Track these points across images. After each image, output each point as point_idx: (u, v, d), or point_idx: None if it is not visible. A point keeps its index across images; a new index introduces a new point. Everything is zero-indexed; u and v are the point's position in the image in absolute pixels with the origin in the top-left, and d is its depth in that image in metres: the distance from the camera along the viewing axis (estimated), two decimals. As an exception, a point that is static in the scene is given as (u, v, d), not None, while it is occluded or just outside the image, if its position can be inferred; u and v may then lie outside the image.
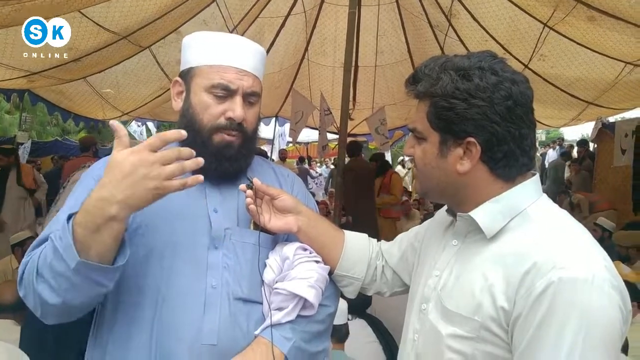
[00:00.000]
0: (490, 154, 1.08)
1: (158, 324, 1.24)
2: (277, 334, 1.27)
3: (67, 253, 1.08)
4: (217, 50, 1.33)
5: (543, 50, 6.37)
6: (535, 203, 1.11)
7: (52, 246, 1.11)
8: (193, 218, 1.32)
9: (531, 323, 0.96)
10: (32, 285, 1.14)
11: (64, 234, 1.09)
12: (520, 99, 1.07)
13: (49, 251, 1.12)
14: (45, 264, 1.12)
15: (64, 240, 1.08)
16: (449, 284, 1.14)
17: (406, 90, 1.18)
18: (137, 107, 8.08)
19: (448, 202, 1.23)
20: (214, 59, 1.33)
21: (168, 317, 1.25)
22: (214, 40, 1.35)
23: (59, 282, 1.11)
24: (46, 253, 1.13)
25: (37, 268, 1.13)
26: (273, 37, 7.51)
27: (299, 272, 1.31)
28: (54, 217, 1.29)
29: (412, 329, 1.23)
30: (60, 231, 1.11)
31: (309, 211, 1.43)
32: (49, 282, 1.12)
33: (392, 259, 1.48)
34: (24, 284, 1.18)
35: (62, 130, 19.95)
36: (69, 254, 1.07)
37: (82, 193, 1.28)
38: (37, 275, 1.13)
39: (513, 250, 1.04)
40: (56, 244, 1.10)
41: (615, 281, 0.97)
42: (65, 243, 1.08)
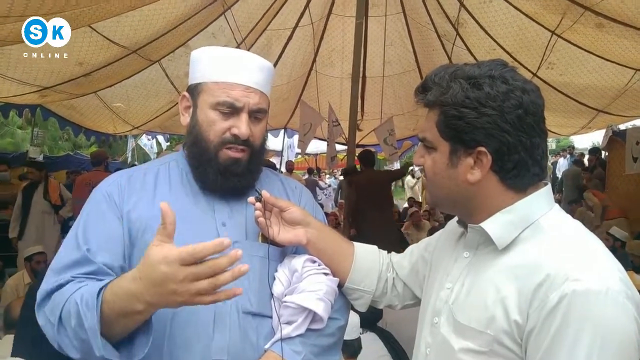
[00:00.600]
0: (501, 164, 1.07)
1: (169, 340, 1.24)
2: (287, 348, 1.26)
3: (92, 338, 1.08)
4: (223, 67, 1.33)
5: (551, 58, 6.34)
6: (548, 214, 1.09)
7: (76, 312, 1.11)
8: (201, 232, 1.30)
9: (545, 336, 0.94)
10: (53, 331, 1.16)
11: (91, 314, 1.08)
12: (531, 107, 1.06)
13: (74, 315, 1.11)
14: (69, 323, 1.12)
15: (89, 321, 1.08)
16: (460, 296, 1.13)
17: (415, 99, 1.17)
18: (148, 121, 8.15)
19: (459, 213, 1.22)
20: (221, 76, 1.32)
21: (178, 333, 1.24)
22: (221, 56, 1.35)
23: (81, 346, 1.12)
24: (70, 312, 1.12)
25: (61, 318, 1.14)
26: (281, 49, 7.56)
27: (308, 285, 1.30)
28: (68, 237, 1.29)
29: (424, 342, 1.21)
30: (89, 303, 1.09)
31: (318, 223, 1.42)
32: (71, 341, 1.13)
33: (403, 271, 1.46)
34: (43, 317, 1.19)
35: (73, 144, 20.16)
36: (94, 342, 1.07)
37: (97, 215, 1.30)
38: (59, 324, 1.14)
39: (525, 262, 1.03)
40: (81, 312, 1.09)
41: (630, 292, 0.95)
42: (89, 328, 1.08)
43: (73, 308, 1.11)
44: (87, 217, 1.31)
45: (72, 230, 1.30)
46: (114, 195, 1.33)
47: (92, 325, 1.07)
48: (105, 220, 1.29)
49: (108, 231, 1.27)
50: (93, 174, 6.85)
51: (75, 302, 1.11)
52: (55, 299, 1.17)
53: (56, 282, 1.19)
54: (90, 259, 1.22)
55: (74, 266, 1.22)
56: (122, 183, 1.36)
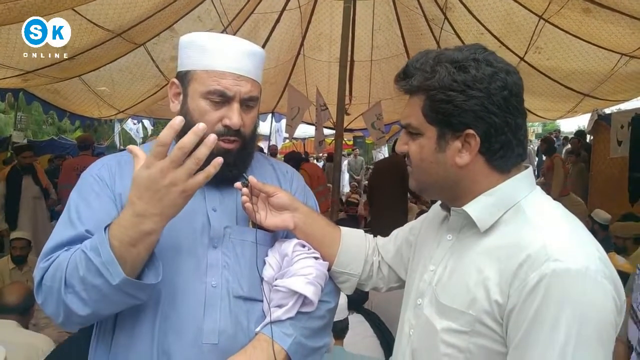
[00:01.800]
0: (488, 145, 1.08)
1: (160, 325, 1.25)
2: (278, 330, 1.27)
3: (108, 269, 1.09)
4: (214, 55, 1.30)
5: (539, 43, 6.37)
6: (529, 196, 1.11)
7: (84, 258, 1.11)
8: (192, 218, 1.31)
9: (525, 316, 0.96)
10: (57, 295, 1.14)
11: (103, 249, 1.09)
12: (514, 89, 1.08)
13: (81, 263, 1.11)
14: (76, 276, 1.12)
15: (104, 255, 1.09)
16: (443, 278, 1.14)
17: (397, 86, 1.17)
18: (133, 105, 8.05)
19: (445, 197, 1.23)
20: (211, 64, 1.30)
21: (169, 317, 1.25)
22: (211, 44, 1.31)
23: (91, 294, 1.12)
24: (76, 264, 1.12)
25: (65, 278, 1.13)
26: (268, 32, 7.47)
27: (298, 269, 1.31)
28: (61, 221, 1.29)
29: (408, 323, 1.23)
30: (97, 244, 1.11)
31: (305, 208, 1.42)
32: (79, 294, 1.12)
33: (388, 254, 1.48)
34: (45, 291, 1.18)
35: (57, 129, 19.86)
36: (112, 270, 1.08)
37: (91, 196, 1.29)
38: (65, 285, 1.13)
39: (506, 243, 1.04)
40: (90, 255, 1.10)
41: (609, 271, 0.97)
42: (105, 259, 1.09)
43: (79, 258, 1.12)
44: (80, 198, 1.30)
45: (65, 213, 1.29)
46: (106, 178, 1.32)
47: (107, 257, 1.08)
48: (101, 201, 1.29)
49: (104, 212, 1.26)
50: (80, 159, 6.75)
51: (81, 251, 1.13)
52: (54, 266, 1.16)
53: (51, 259, 1.19)
54: (86, 236, 1.21)
55: (70, 243, 1.21)
56: (112, 166, 1.36)
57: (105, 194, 1.30)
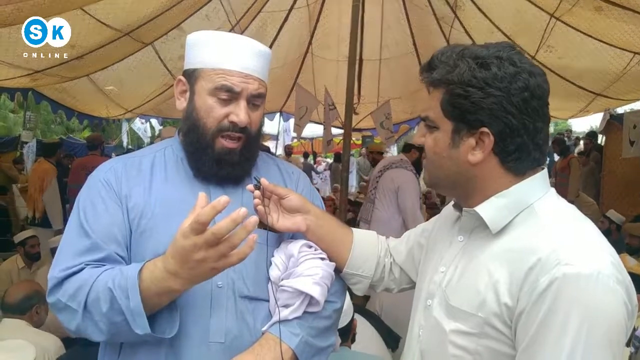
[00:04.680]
0: (502, 146, 1.07)
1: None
2: (285, 329, 1.28)
3: (135, 319, 1.12)
4: (221, 54, 1.31)
5: (550, 42, 6.30)
6: (542, 198, 1.09)
7: (110, 296, 1.14)
8: None
9: (534, 319, 0.95)
10: (75, 316, 1.18)
11: (133, 296, 1.12)
12: (537, 91, 1.05)
13: (105, 299, 1.14)
14: (97, 308, 1.15)
15: (133, 303, 1.12)
16: (453, 280, 1.14)
17: (420, 78, 1.16)
18: (141, 104, 8.09)
19: (456, 195, 1.22)
20: (219, 62, 1.31)
21: None
22: (219, 42, 1.32)
23: (110, 328, 1.16)
24: (99, 297, 1.15)
25: (86, 305, 1.16)
26: (276, 31, 7.46)
27: (305, 270, 1.31)
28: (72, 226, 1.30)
29: (418, 324, 1.23)
30: (127, 287, 1.13)
31: (317, 210, 1.42)
32: (97, 324, 1.16)
33: (399, 256, 1.47)
34: (61, 307, 1.21)
35: (66, 128, 20.05)
36: (139, 322, 1.13)
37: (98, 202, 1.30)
38: (84, 310, 1.17)
39: (518, 246, 1.03)
40: (116, 295, 1.13)
41: (621, 276, 0.96)
42: (134, 307, 1.12)
43: (103, 294, 1.14)
44: (88, 204, 1.31)
45: (74, 216, 1.31)
46: (112, 182, 1.33)
47: (136, 306, 1.12)
48: (107, 208, 1.30)
49: (112, 219, 1.28)
50: (89, 159, 6.81)
51: (107, 288, 1.14)
52: (73, 284, 1.19)
53: (69, 270, 1.21)
54: (101, 246, 1.24)
55: (86, 253, 1.24)
56: (118, 169, 1.37)
57: (112, 199, 1.32)
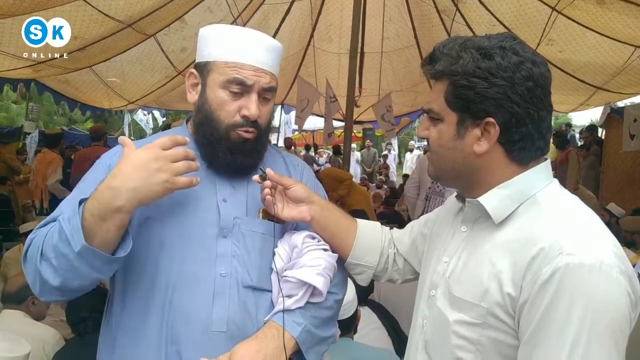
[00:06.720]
0: (508, 136, 1.07)
1: (168, 313, 1.26)
2: (288, 318, 1.29)
3: (73, 236, 1.11)
4: (234, 47, 1.32)
5: (551, 35, 6.29)
6: (545, 188, 1.09)
7: (58, 227, 1.14)
8: (202, 208, 1.33)
9: (537, 309, 0.95)
10: (35, 263, 1.17)
11: (73, 217, 1.13)
12: (540, 80, 1.05)
13: (55, 232, 1.15)
14: (50, 245, 1.15)
15: (72, 223, 1.12)
16: (457, 270, 1.14)
17: (423, 70, 1.16)
18: (143, 96, 8.09)
19: (461, 186, 1.21)
20: (231, 56, 1.32)
21: (178, 306, 1.26)
22: (232, 36, 1.34)
23: (61, 262, 1.14)
24: (52, 234, 1.16)
25: (42, 248, 1.16)
26: (278, 23, 7.46)
27: (308, 260, 1.32)
28: (63, 201, 1.32)
29: (422, 315, 1.23)
30: (70, 214, 1.14)
31: (321, 200, 1.43)
32: (51, 262, 1.15)
33: (403, 247, 1.48)
34: (28, 260, 1.21)
35: (68, 119, 20.02)
36: (76, 237, 1.11)
37: (93, 180, 1.30)
38: (40, 254, 1.16)
39: (521, 236, 1.03)
40: (63, 225, 1.13)
41: (624, 266, 0.96)
42: (73, 226, 1.12)
43: (55, 228, 1.16)
44: (82, 183, 1.33)
45: (71, 195, 1.32)
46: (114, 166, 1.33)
47: (75, 226, 1.12)
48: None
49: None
50: (93, 150, 6.74)
51: (58, 221, 1.17)
52: (38, 238, 1.19)
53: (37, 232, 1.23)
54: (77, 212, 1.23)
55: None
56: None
57: None
